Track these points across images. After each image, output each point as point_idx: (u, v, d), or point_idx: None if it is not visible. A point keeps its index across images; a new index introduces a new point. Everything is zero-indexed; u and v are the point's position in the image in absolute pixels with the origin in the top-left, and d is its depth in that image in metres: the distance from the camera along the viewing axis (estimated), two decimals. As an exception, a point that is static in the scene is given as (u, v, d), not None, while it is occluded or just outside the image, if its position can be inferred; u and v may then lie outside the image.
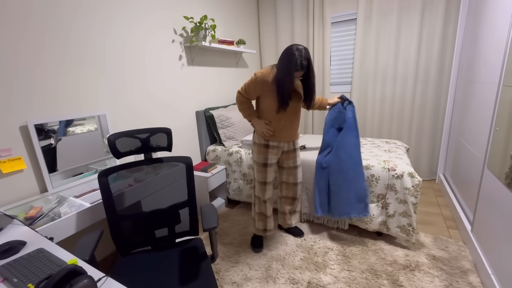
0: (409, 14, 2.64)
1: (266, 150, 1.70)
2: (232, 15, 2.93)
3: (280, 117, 1.62)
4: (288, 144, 1.76)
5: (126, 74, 1.83)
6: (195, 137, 2.54)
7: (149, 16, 1.96)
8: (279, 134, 1.67)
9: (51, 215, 1.27)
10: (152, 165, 1.31)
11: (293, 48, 1.45)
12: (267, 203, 1.80)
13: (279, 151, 1.75)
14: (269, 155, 1.70)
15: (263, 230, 1.87)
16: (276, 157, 1.76)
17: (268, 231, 1.87)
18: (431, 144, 2.86)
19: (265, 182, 1.76)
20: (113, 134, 1.17)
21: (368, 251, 1.79)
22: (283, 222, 1.98)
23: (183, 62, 2.31)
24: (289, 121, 1.66)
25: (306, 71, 1.50)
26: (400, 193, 1.74)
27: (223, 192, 2.57)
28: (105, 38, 1.67)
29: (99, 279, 0.73)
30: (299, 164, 1.85)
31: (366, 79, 2.98)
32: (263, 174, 1.74)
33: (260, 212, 1.83)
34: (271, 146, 1.69)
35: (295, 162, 1.82)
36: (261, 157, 1.72)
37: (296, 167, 1.83)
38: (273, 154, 1.72)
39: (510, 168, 1.34)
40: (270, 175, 1.75)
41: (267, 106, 1.62)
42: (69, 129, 1.54)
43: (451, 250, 1.75)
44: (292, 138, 1.74)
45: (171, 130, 1.27)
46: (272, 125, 1.64)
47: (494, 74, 1.63)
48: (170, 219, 1.34)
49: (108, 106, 1.74)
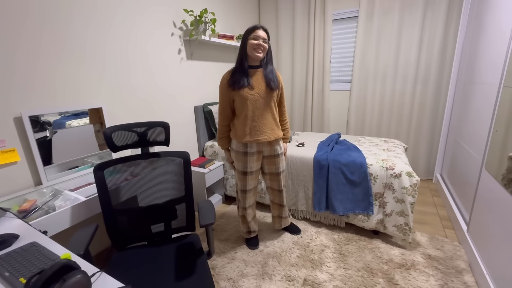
0: (411, 14, 2.62)
1: (245, 158, 1.62)
2: (232, 10, 2.89)
3: (253, 115, 1.53)
4: (269, 149, 1.65)
5: (123, 68, 1.80)
6: (193, 133, 2.52)
7: (149, 9, 1.92)
8: (255, 133, 1.55)
9: (45, 208, 1.25)
10: (149, 160, 1.29)
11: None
12: (247, 209, 1.79)
13: (259, 157, 1.67)
14: (249, 163, 1.63)
15: (247, 232, 1.88)
16: (258, 164, 1.68)
17: (252, 232, 1.89)
18: (429, 143, 2.86)
19: (245, 190, 1.71)
20: (109, 127, 1.14)
21: (364, 249, 1.80)
22: (273, 224, 2.00)
23: (182, 56, 2.27)
24: (262, 118, 1.55)
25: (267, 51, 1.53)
26: (398, 192, 1.74)
27: (220, 188, 2.56)
28: (106, 32, 1.64)
29: (93, 274, 0.71)
30: (282, 170, 1.74)
31: (366, 78, 2.96)
32: (243, 182, 1.69)
33: (242, 215, 1.83)
34: (250, 153, 1.61)
35: (278, 169, 1.71)
36: (240, 165, 1.65)
37: (278, 174, 1.73)
38: (253, 162, 1.64)
39: (507, 169, 1.35)
40: (250, 183, 1.70)
41: (237, 108, 1.56)
42: (66, 122, 1.52)
43: (446, 249, 1.76)
44: (270, 137, 1.59)
45: (169, 124, 1.25)
46: (247, 125, 1.55)
47: (495, 74, 1.63)
48: (166, 215, 1.33)
49: (104, 100, 1.71)
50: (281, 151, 1.70)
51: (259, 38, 1.45)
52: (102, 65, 1.67)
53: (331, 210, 1.94)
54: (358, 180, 1.85)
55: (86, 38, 1.56)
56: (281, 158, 1.71)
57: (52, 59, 1.43)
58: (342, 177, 1.90)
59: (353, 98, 3.06)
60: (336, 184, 1.90)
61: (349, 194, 1.89)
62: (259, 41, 1.45)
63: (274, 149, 1.67)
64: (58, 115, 1.48)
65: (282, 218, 1.94)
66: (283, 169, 1.76)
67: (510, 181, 1.33)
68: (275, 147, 1.67)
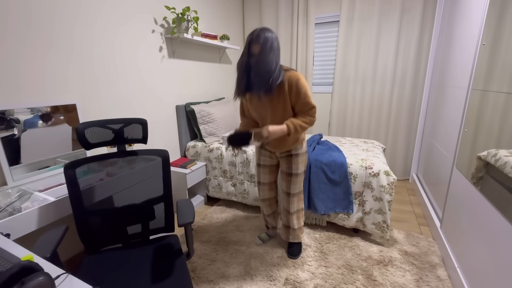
0: (388, 20, 2.74)
1: (259, 151, 1.67)
2: (216, 10, 2.87)
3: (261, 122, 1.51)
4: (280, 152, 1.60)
5: (100, 63, 1.73)
6: (174, 132, 2.47)
7: (127, 2, 1.86)
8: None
9: (10, 209, 1.16)
10: (126, 159, 1.24)
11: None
12: (261, 202, 1.81)
13: (272, 154, 1.65)
14: (262, 156, 1.67)
15: (265, 225, 1.92)
16: (272, 160, 1.66)
17: (269, 228, 1.91)
18: (405, 145, 2.98)
19: (259, 181, 1.76)
20: (82, 123, 1.09)
21: (344, 247, 1.83)
22: (281, 234, 1.83)
23: (163, 54, 2.22)
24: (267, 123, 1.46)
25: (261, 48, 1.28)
26: (376, 190, 1.79)
27: (202, 189, 2.52)
28: (82, 23, 1.57)
29: (57, 277, 0.67)
30: (296, 173, 1.58)
31: (347, 81, 3.05)
32: (257, 173, 1.75)
33: (261, 206, 1.86)
34: (264, 149, 1.65)
35: (290, 169, 1.58)
36: (256, 156, 1.72)
37: (290, 175, 1.59)
38: (266, 156, 1.65)
39: (476, 169, 1.42)
40: (263, 176, 1.72)
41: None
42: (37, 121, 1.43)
43: (421, 246, 1.83)
44: (276, 148, 1.54)
45: (147, 121, 1.21)
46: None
47: (464, 78, 1.72)
48: (144, 215, 1.28)
49: (79, 95, 1.63)
50: (297, 152, 1.56)
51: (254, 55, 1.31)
52: (77, 59, 1.59)
53: (312, 210, 1.96)
54: (338, 179, 1.89)
55: (59, 27, 1.48)
56: (297, 160, 1.56)
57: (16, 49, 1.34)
58: (324, 176, 1.92)
59: (334, 100, 3.13)
60: (317, 183, 1.93)
61: (330, 193, 1.92)
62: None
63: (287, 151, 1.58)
64: (30, 113, 1.40)
65: (289, 229, 1.72)
66: (297, 172, 1.58)
67: (479, 179, 1.40)
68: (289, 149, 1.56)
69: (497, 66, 1.28)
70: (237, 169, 2.27)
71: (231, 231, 2.04)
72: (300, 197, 1.68)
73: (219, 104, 2.72)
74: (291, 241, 1.76)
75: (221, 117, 2.57)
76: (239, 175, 2.28)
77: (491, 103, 1.29)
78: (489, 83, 1.33)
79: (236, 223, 2.15)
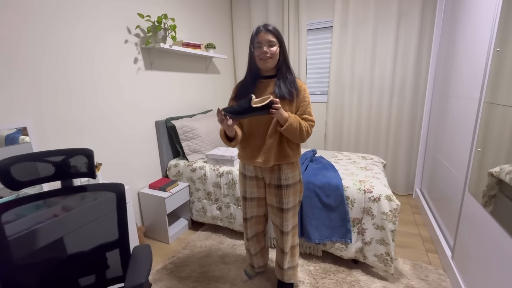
0: (385, 24, 2.56)
1: (244, 181, 1.42)
2: (201, 18, 2.69)
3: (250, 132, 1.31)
4: (270, 176, 1.34)
5: (60, 77, 1.52)
6: (155, 150, 2.25)
7: (95, 9, 1.67)
8: (250, 154, 1.31)
9: None
10: (71, 196, 1.02)
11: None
12: (249, 240, 1.54)
13: (260, 183, 1.39)
14: (248, 187, 1.41)
15: (250, 265, 1.65)
16: (260, 191, 1.41)
17: (256, 268, 1.64)
18: (408, 157, 2.76)
19: (245, 218, 1.50)
20: (6, 159, 0.87)
21: (343, 283, 1.59)
22: (275, 270, 1.61)
23: (139, 66, 2.02)
24: (258, 137, 1.28)
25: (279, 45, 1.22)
26: (377, 218, 1.57)
27: (186, 212, 2.29)
28: (42, 30, 1.37)
29: None
30: (287, 208, 1.34)
31: (342, 89, 2.85)
32: (243, 208, 1.48)
33: (246, 248, 1.60)
34: (249, 177, 1.39)
35: (281, 203, 1.34)
36: (241, 188, 1.46)
37: (281, 210, 1.35)
38: (253, 187, 1.39)
39: (487, 186, 1.22)
40: (249, 211, 1.46)
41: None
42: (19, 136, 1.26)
43: (431, 280, 1.60)
44: (265, 162, 1.27)
45: (93, 152, 0.99)
46: (243, 142, 1.34)
47: (473, 89, 1.52)
48: (95, 265, 1.05)
49: (31, 116, 1.41)
50: (288, 182, 1.32)
51: (263, 43, 1.19)
52: (31, 72, 1.38)
53: (306, 238, 1.73)
54: (334, 204, 1.66)
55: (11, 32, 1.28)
56: (288, 192, 1.33)
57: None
58: (317, 200, 1.70)
59: (330, 111, 2.92)
60: (310, 208, 1.70)
61: (325, 220, 1.69)
62: (262, 48, 1.20)
63: (276, 178, 1.33)
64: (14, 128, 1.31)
65: (282, 269, 1.49)
66: (289, 207, 1.35)
67: (491, 198, 1.20)
68: (279, 175, 1.32)
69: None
70: (222, 191, 2.05)
71: (214, 264, 1.80)
72: (295, 231, 1.45)
73: (204, 117, 2.51)
74: (285, 282, 1.53)
75: (206, 132, 2.36)
76: (224, 197, 2.05)
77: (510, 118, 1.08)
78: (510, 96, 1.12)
79: (221, 252, 1.92)
